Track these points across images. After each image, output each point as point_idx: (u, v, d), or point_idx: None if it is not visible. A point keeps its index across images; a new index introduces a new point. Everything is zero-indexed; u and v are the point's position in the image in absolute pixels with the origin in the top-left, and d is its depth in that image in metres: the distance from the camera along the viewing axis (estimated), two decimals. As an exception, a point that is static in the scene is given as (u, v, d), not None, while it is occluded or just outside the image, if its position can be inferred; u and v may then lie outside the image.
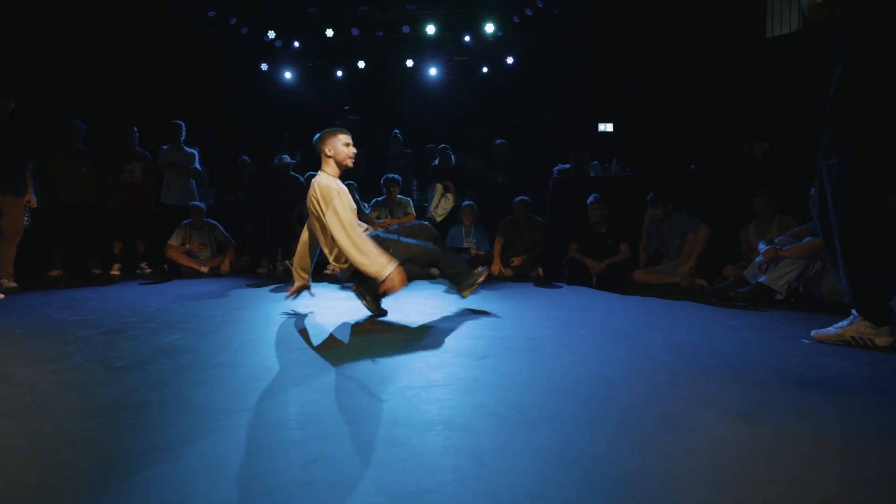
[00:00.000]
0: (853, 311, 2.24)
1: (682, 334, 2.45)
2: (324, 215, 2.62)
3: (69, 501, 0.97)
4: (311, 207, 2.72)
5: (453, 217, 6.03)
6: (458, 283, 3.10)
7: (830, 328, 2.30)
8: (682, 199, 4.63)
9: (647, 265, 4.81)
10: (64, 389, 1.61)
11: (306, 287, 3.14)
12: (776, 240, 3.53)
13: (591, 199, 4.77)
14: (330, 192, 2.63)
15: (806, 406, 1.46)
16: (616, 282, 4.57)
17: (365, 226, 3.01)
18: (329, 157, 2.81)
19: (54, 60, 5.87)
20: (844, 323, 2.27)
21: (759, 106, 5.74)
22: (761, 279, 3.43)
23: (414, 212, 5.70)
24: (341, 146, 2.82)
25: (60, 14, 5.83)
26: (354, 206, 2.78)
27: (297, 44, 8.41)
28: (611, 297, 3.79)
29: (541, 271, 5.26)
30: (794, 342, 2.28)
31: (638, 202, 4.80)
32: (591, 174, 5.39)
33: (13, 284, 4.14)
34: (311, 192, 2.70)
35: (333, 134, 2.84)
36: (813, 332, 2.35)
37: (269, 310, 3.13)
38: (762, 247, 3.59)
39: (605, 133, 6.25)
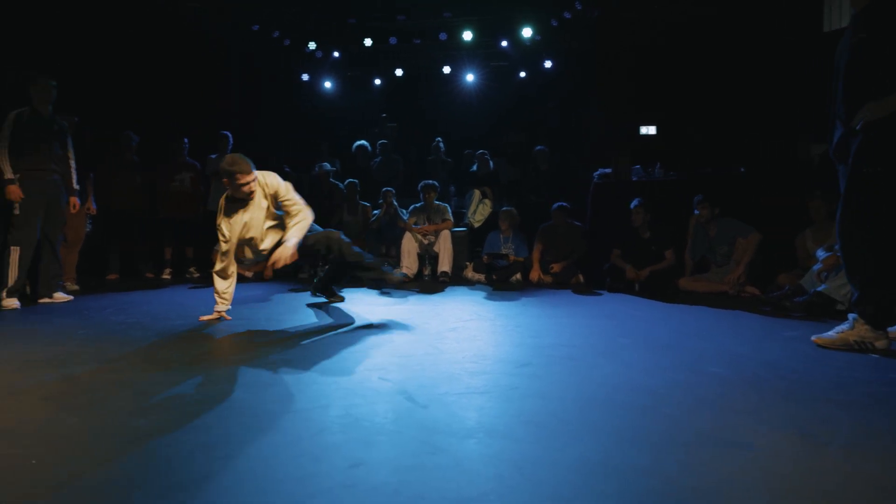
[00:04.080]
0: (849, 316, 2.28)
1: (732, 345, 2.34)
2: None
3: (126, 493, 1.02)
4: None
5: (492, 223, 5.99)
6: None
7: (830, 332, 2.31)
8: (730, 204, 4.44)
9: (693, 273, 4.63)
10: (121, 388, 1.70)
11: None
12: (836, 246, 3.33)
13: (634, 203, 4.64)
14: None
15: (874, 426, 1.36)
16: (660, 289, 4.42)
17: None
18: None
19: (111, 77, 6.24)
20: (844, 326, 2.28)
21: (815, 105, 5.43)
22: (820, 288, 3.24)
23: (451, 218, 5.69)
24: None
25: (117, 34, 6.20)
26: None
27: (336, 54, 8.62)
28: (654, 306, 3.67)
29: (581, 278, 5.15)
30: (859, 356, 2.14)
31: (682, 207, 4.63)
32: (634, 178, 5.25)
33: (76, 287, 4.41)
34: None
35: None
36: (813, 338, 2.35)
37: (311, 314, 3.20)
38: (821, 254, 3.40)
39: (648, 136, 6.08)
